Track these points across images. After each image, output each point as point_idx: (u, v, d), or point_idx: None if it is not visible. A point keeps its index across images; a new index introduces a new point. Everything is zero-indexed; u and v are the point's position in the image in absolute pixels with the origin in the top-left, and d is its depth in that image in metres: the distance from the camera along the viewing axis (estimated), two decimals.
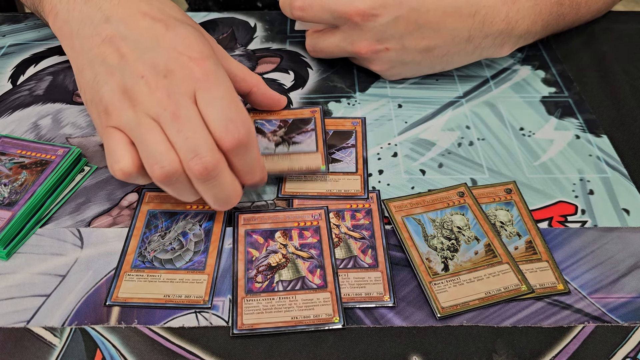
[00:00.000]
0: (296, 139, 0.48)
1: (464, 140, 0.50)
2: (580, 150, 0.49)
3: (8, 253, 0.40)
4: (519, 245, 0.41)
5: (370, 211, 0.43)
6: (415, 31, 0.49)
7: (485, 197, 0.44)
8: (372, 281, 0.39)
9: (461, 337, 0.36)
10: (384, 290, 0.39)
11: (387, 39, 0.50)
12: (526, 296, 0.38)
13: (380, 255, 0.40)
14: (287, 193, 0.45)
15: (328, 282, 0.39)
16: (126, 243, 0.41)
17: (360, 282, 0.39)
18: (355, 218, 0.43)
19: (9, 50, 0.59)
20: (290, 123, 0.49)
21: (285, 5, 0.51)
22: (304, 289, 0.39)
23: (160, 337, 0.36)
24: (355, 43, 0.51)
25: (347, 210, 0.43)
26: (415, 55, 0.51)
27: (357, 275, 0.40)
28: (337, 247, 0.41)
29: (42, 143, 0.47)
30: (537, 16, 0.52)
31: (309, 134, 0.49)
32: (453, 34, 0.50)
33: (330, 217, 0.43)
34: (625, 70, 0.57)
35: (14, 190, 0.43)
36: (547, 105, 0.53)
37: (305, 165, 0.45)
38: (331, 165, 0.47)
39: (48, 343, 0.36)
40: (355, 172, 0.47)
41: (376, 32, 0.49)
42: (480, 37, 0.50)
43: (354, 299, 0.38)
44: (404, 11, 0.48)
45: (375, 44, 0.50)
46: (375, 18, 0.48)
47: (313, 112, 0.51)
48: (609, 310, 0.38)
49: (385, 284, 0.39)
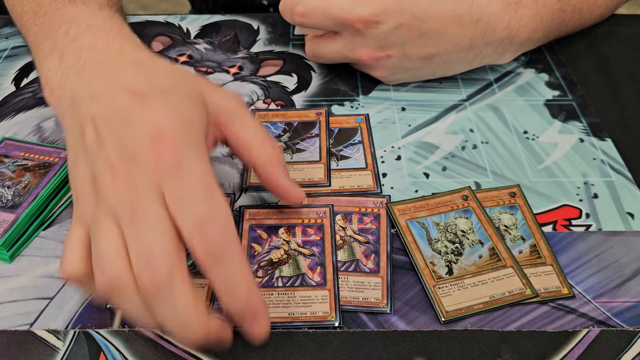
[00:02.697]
0: (300, 146, 0.48)
1: (468, 144, 0.50)
2: (584, 154, 0.49)
3: (11, 256, 0.40)
4: (523, 249, 0.41)
5: (379, 216, 0.43)
6: (417, 39, 0.49)
7: (489, 200, 0.44)
8: (371, 286, 0.39)
9: (465, 341, 0.36)
10: (382, 296, 0.38)
11: (389, 46, 0.50)
12: (530, 300, 0.38)
13: (382, 261, 0.40)
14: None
15: (327, 280, 0.39)
16: None
17: (359, 287, 0.39)
18: (362, 222, 0.43)
19: (12, 52, 0.59)
20: (294, 127, 0.49)
21: (285, 11, 0.51)
22: (303, 286, 0.39)
23: (164, 340, 0.36)
24: (357, 50, 0.51)
25: (356, 213, 0.43)
26: (416, 62, 0.51)
27: (356, 279, 0.39)
28: (341, 250, 0.41)
29: (46, 145, 0.47)
30: (538, 24, 0.52)
31: (313, 140, 0.49)
32: (454, 42, 0.50)
33: (338, 220, 0.43)
34: (629, 73, 0.57)
35: (17, 193, 0.43)
36: (551, 109, 0.53)
37: (307, 177, 0.46)
38: (340, 162, 0.47)
39: (51, 346, 0.36)
40: (365, 167, 0.47)
41: (378, 39, 0.49)
42: (481, 44, 0.50)
43: (351, 302, 0.38)
44: (406, 19, 0.47)
45: (377, 51, 0.50)
46: (377, 25, 0.48)
47: (318, 114, 0.51)
48: (614, 315, 0.38)
49: (384, 290, 0.39)
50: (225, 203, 0.32)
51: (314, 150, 0.48)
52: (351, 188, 0.45)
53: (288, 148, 0.48)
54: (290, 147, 0.48)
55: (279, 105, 0.53)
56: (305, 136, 0.49)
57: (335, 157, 0.48)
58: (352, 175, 0.46)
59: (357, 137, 0.50)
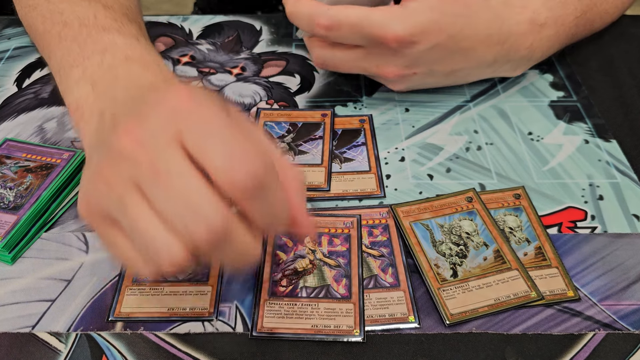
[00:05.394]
0: (303, 148, 0.48)
1: (472, 145, 0.49)
2: (589, 155, 0.48)
3: (13, 257, 0.40)
4: (528, 251, 0.41)
5: (388, 227, 0.43)
6: (446, 57, 0.48)
7: (493, 202, 0.44)
8: (394, 301, 0.38)
9: (470, 344, 0.36)
10: (407, 310, 0.38)
11: (418, 65, 0.48)
12: (536, 303, 0.38)
13: (401, 274, 0.40)
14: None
15: (353, 293, 0.38)
16: None
17: (383, 303, 0.38)
18: (372, 235, 0.42)
19: (14, 53, 0.59)
20: (299, 127, 0.49)
21: (301, 20, 0.45)
22: (328, 298, 0.38)
23: (167, 343, 0.36)
24: (382, 66, 0.47)
25: (364, 226, 0.42)
26: (439, 77, 0.51)
27: (379, 296, 0.38)
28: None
29: (48, 147, 0.47)
30: (555, 42, 0.52)
31: (316, 142, 0.48)
32: (480, 60, 0.49)
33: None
34: (634, 74, 0.57)
35: (19, 194, 0.43)
36: (555, 110, 0.53)
37: (307, 181, 0.45)
38: (344, 165, 0.47)
39: (53, 349, 0.36)
40: (369, 170, 0.46)
41: (409, 58, 0.46)
42: (502, 62, 0.50)
43: (378, 320, 0.37)
44: (443, 39, 0.45)
45: (404, 69, 0.47)
46: (414, 45, 0.45)
47: (324, 115, 0.51)
48: (620, 318, 0.37)
49: (409, 303, 0.38)
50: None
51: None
52: (354, 192, 0.45)
53: (291, 149, 0.48)
54: (293, 148, 0.48)
55: (281, 106, 0.53)
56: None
57: (338, 160, 0.48)
58: (355, 179, 0.46)
59: (361, 138, 0.49)
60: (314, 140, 0.49)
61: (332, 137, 0.49)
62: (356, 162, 0.47)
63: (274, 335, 0.36)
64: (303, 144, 0.48)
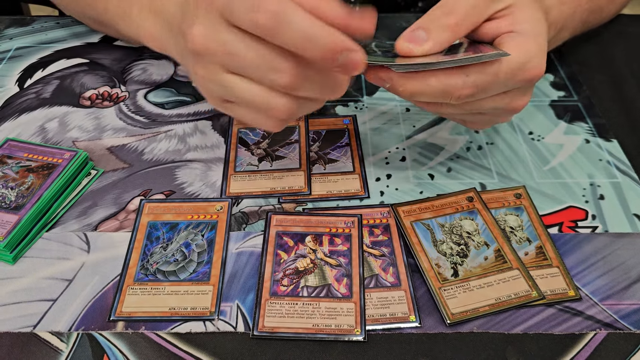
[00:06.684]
0: (280, 153, 0.48)
1: (473, 145, 0.49)
2: (590, 155, 0.48)
3: (15, 257, 0.40)
4: (529, 250, 0.41)
5: (388, 226, 0.43)
6: None
7: (494, 202, 0.44)
8: (395, 301, 0.38)
9: (471, 344, 0.36)
10: (408, 310, 0.38)
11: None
12: (537, 302, 0.38)
13: (402, 273, 0.40)
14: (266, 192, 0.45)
15: (354, 293, 0.38)
16: (127, 256, 0.41)
17: (384, 303, 0.38)
18: (373, 234, 0.42)
19: (16, 53, 0.59)
20: (273, 133, 0.49)
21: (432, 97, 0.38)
22: (329, 297, 0.38)
23: (168, 342, 0.36)
24: (516, 100, 0.41)
25: (365, 226, 0.42)
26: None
27: (380, 295, 0.38)
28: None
29: (49, 146, 0.47)
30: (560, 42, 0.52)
31: (292, 146, 0.48)
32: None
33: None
34: (634, 74, 0.57)
35: (20, 194, 0.43)
36: (556, 109, 0.53)
37: (287, 186, 0.45)
38: (328, 166, 0.47)
39: (55, 348, 0.36)
40: (353, 171, 0.46)
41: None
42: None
43: (379, 320, 0.37)
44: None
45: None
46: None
47: (298, 119, 0.51)
48: (621, 317, 0.37)
49: (410, 303, 0.38)
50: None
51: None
52: (338, 193, 0.45)
53: (267, 155, 0.48)
54: (269, 154, 0.48)
55: None
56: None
57: (322, 161, 0.48)
58: (339, 180, 0.46)
59: (345, 139, 0.49)
60: (290, 145, 0.49)
61: (307, 139, 0.49)
62: (340, 162, 0.47)
63: (275, 334, 0.36)
64: (280, 149, 0.48)
